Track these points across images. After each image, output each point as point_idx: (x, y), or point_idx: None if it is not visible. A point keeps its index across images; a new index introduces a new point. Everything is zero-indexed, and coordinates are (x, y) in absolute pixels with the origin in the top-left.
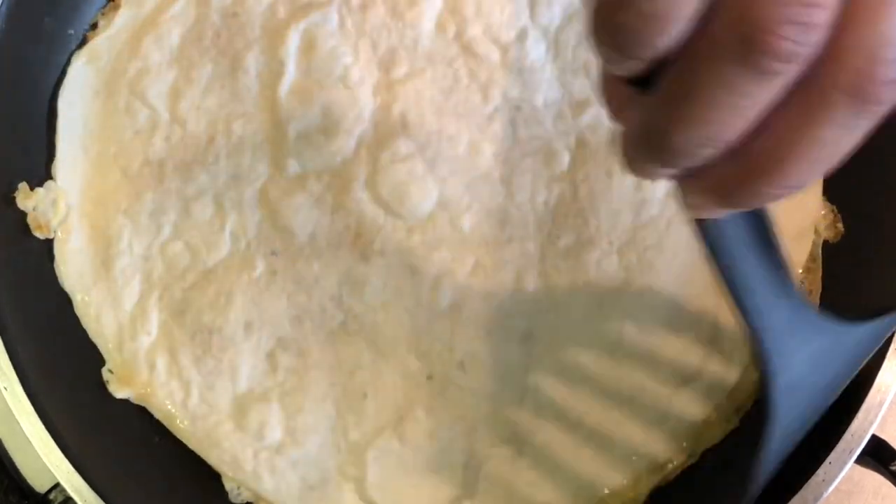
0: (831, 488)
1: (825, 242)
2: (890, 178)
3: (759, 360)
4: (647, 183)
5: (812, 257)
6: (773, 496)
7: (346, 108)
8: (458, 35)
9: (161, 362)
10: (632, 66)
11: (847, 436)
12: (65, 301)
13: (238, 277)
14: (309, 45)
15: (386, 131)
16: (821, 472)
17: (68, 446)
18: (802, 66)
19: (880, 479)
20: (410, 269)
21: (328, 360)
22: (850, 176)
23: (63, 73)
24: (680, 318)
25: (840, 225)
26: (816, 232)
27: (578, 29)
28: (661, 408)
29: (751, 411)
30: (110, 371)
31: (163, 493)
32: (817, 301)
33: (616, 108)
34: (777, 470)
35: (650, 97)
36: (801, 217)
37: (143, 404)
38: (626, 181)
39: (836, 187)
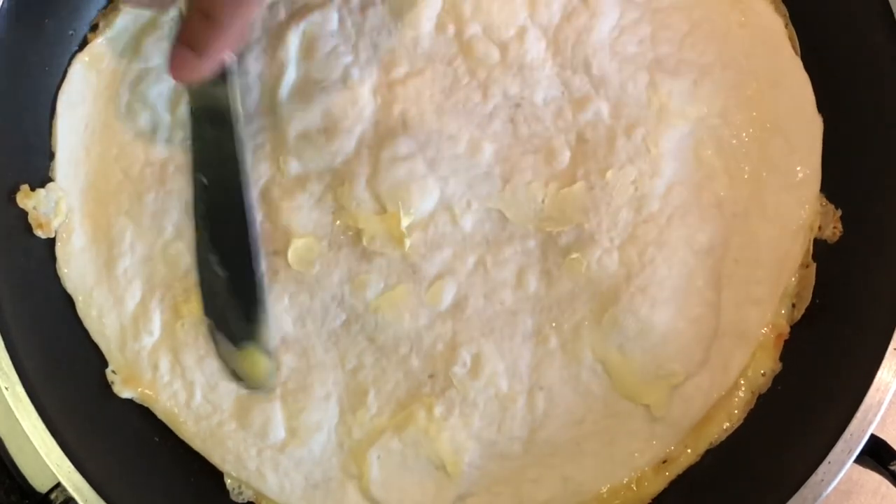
0: (830, 488)
1: (823, 242)
2: (889, 181)
3: None
4: (646, 180)
5: (808, 255)
6: (772, 496)
7: (346, 108)
8: (458, 34)
9: (164, 363)
10: None
11: (846, 435)
12: (66, 301)
13: None
14: (309, 46)
15: (386, 131)
16: (820, 471)
17: (69, 446)
18: None
19: (879, 478)
20: (412, 269)
21: (330, 360)
22: (849, 178)
23: (64, 75)
24: (682, 313)
25: (839, 226)
26: (816, 230)
27: (578, 26)
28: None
29: (754, 410)
30: (114, 372)
31: (163, 492)
32: (809, 300)
33: None
34: None
35: None
36: (798, 213)
37: (146, 404)
38: (626, 178)
39: (836, 189)
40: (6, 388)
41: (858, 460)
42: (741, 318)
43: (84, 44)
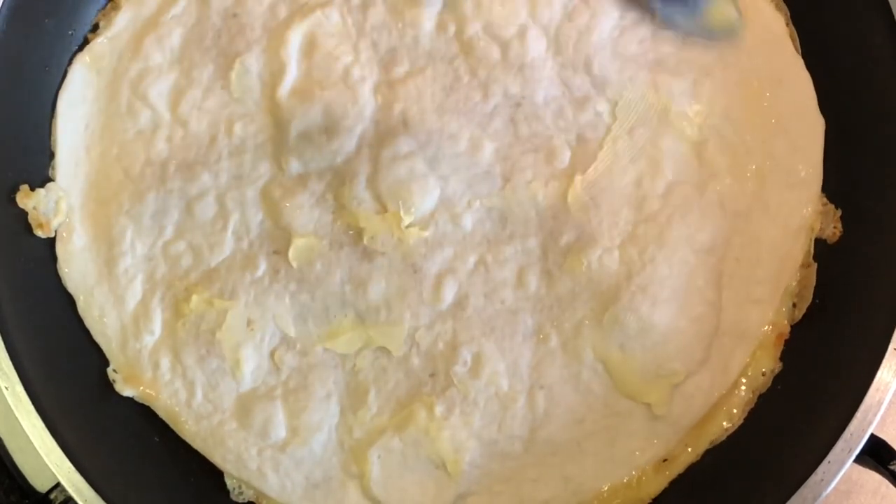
0: (830, 487)
1: (824, 242)
2: (889, 181)
3: None
4: (647, 180)
5: (809, 255)
6: (772, 495)
7: (347, 108)
8: (459, 33)
9: (165, 362)
10: None
11: (846, 435)
12: (66, 301)
13: (241, 277)
14: (310, 45)
15: (387, 130)
16: (820, 471)
17: (69, 446)
18: None
19: (879, 478)
20: (413, 268)
21: (331, 359)
22: (849, 178)
23: (64, 74)
24: (683, 312)
25: (839, 226)
26: (816, 229)
27: (579, 25)
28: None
29: (754, 409)
30: (115, 371)
31: (163, 492)
32: (810, 299)
33: None
34: None
35: None
36: (800, 212)
37: (147, 404)
38: (626, 177)
39: (836, 189)
40: (6, 388)
41: (858, 460)
42: (742, 318)
43: (84, 43)
